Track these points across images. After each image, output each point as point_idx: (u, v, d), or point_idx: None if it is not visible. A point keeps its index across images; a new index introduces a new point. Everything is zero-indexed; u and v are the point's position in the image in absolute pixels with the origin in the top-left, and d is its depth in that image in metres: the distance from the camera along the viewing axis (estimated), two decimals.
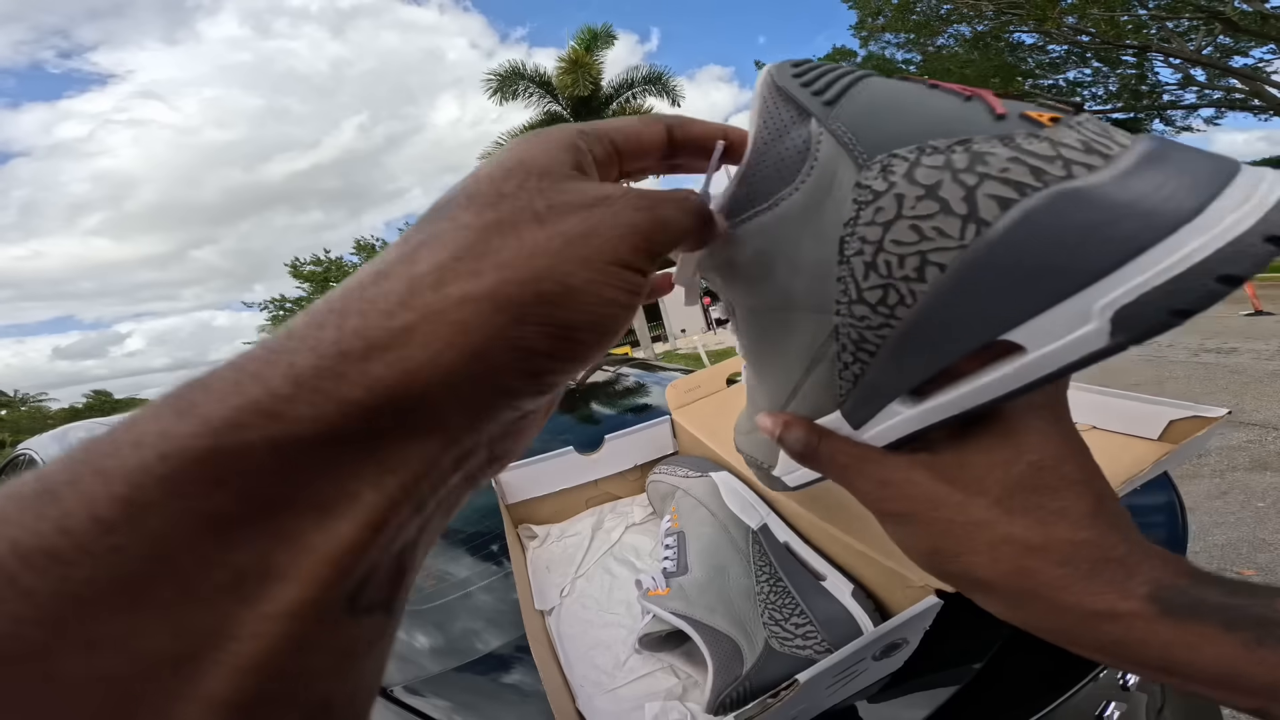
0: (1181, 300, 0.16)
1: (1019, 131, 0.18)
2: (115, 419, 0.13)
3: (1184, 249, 0.16)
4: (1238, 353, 4.42)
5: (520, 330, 0.15)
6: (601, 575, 0.77)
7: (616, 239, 0.17)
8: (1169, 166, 0.16)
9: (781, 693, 0.35)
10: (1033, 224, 0.17)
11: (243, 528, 0.12)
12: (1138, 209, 0.16)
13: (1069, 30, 12.58)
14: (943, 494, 0.23)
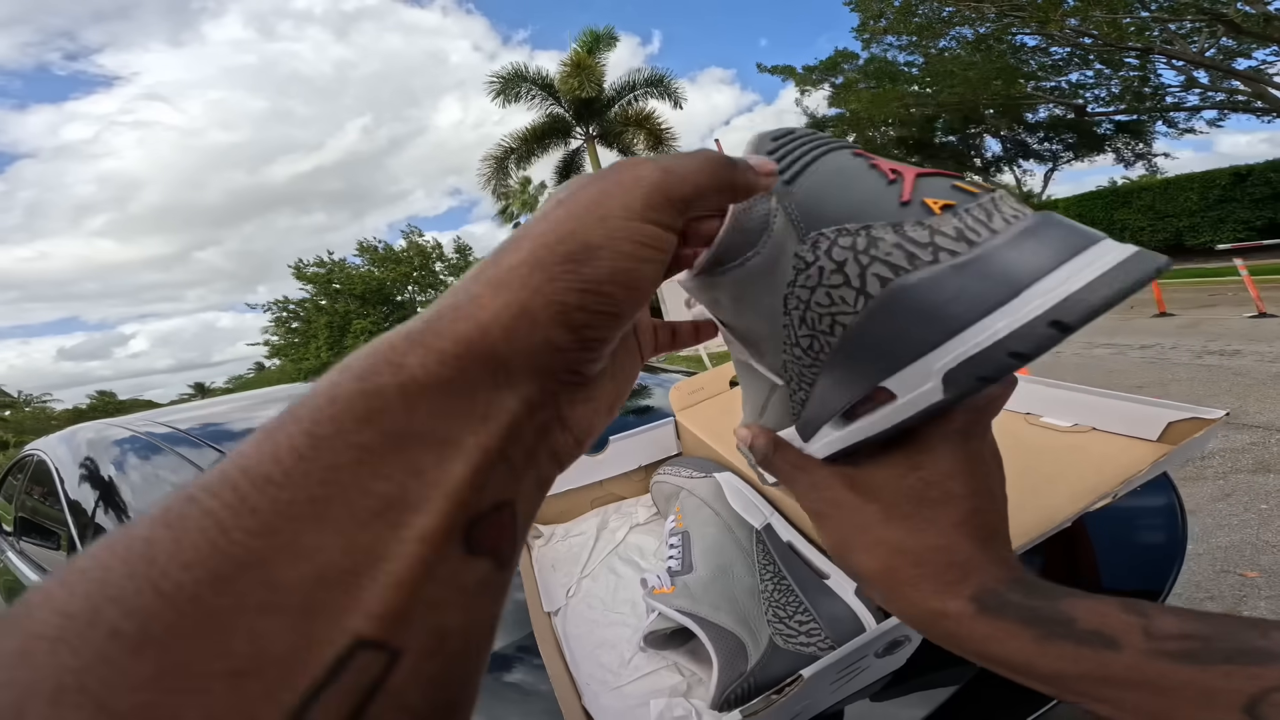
0: (983, 369, 0.21)
1: (910, 219, 0.22)
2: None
3: (990, 329, 0.20)
4: (1241, 355, 4.41)
5: (553, 286, 0.17)
6: (607, 575, 0.78)
7: (628, 196, 0.19)
8: (1014, 254, 0.21)
9: (786, 688, 0.36)
10: (899, 300, 0.22)
11: (385, 460, 0.15)
12: (969, 293, 0.21)
13: (1071, 32, 12.57)
14: (846, 499, 0.28)
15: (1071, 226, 0.22)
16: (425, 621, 0.15)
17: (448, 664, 0.15)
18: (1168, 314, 6.56)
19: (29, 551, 1.64)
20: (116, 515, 1.03)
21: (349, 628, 0.13)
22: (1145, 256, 0.21)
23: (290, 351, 26.32)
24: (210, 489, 0.14)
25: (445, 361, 0.16)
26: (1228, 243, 9.92)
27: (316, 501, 0.14)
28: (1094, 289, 0.20)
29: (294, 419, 0.15)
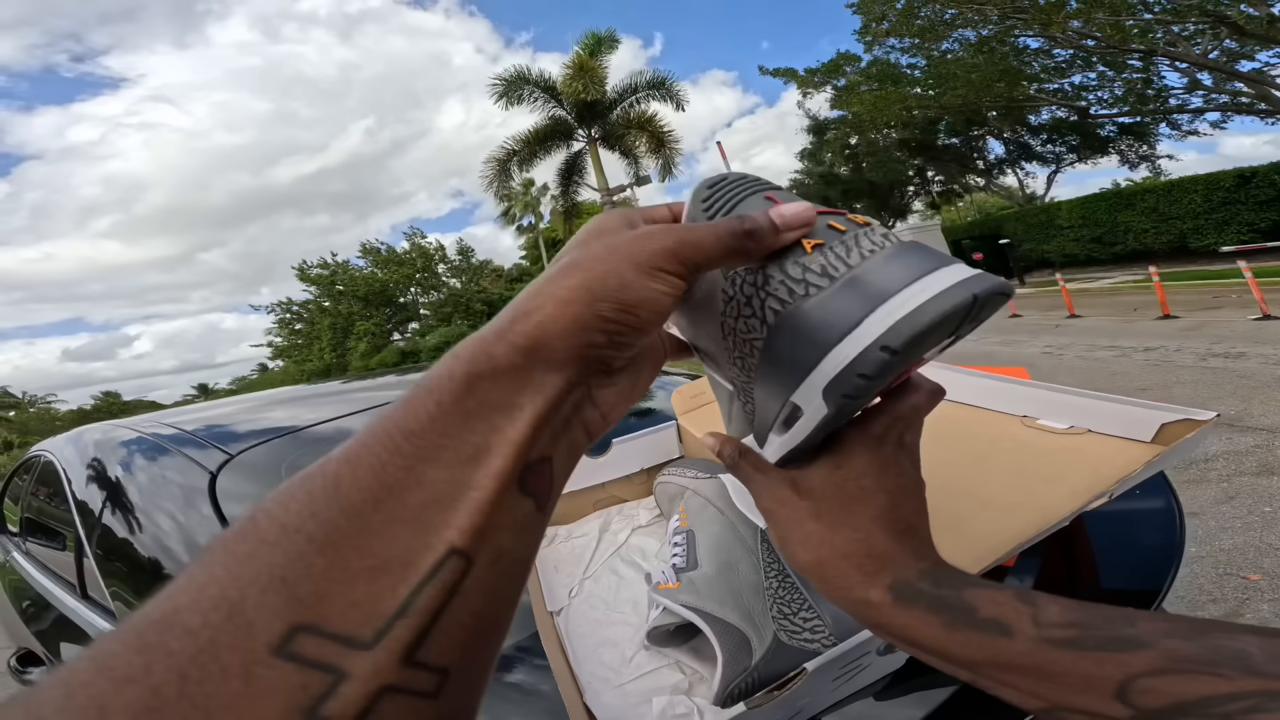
0: (844, 389, 0.25)
1: (790, 258, 0.27)
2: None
3: (842, 355, 0.25)
4: (1245, 357, 4.40)
5: (598, 306, 0.23)
6: (609, 576, 0.79)
7: (652, 251, 0.25)
8: (858, 289, 0.25)
9: (789, 682, 0.37)
10: (785, 328, 0.26)
11: (479, 419, 0.21)
12: (828, 322, 0.25)
13: (1074, 34, 12.56)
14: (788, 497, 0.32)
15: (917, 257, 0.25)
16: (491, 540, 0.20)
17: (499, 578, 0.21)
18: (1172, 316, 6.54)
19: (35, 552, 1.65)
20: (124, 515, 1.04)
21: (447, 538, 0.19)
22: (973, 281, 0.24)
23: (294, 353, 26.38)
24: (375, 437, 0.20)
25: (519, 352, 0.22)
26: (1232, 245, 9.90)
27: (437, 448, 0.20)
28: (914, 317, 0.23)
29: (426, 391, 0.21)
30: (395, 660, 0.18)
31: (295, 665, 0.16)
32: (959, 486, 0.54)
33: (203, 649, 0.16)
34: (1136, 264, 13.04)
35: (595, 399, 0.26)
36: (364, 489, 0.19)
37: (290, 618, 0.17)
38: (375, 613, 0.18)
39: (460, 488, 0.20)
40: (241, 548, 0.18)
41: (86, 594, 1.16)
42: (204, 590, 0.17)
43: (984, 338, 7.49)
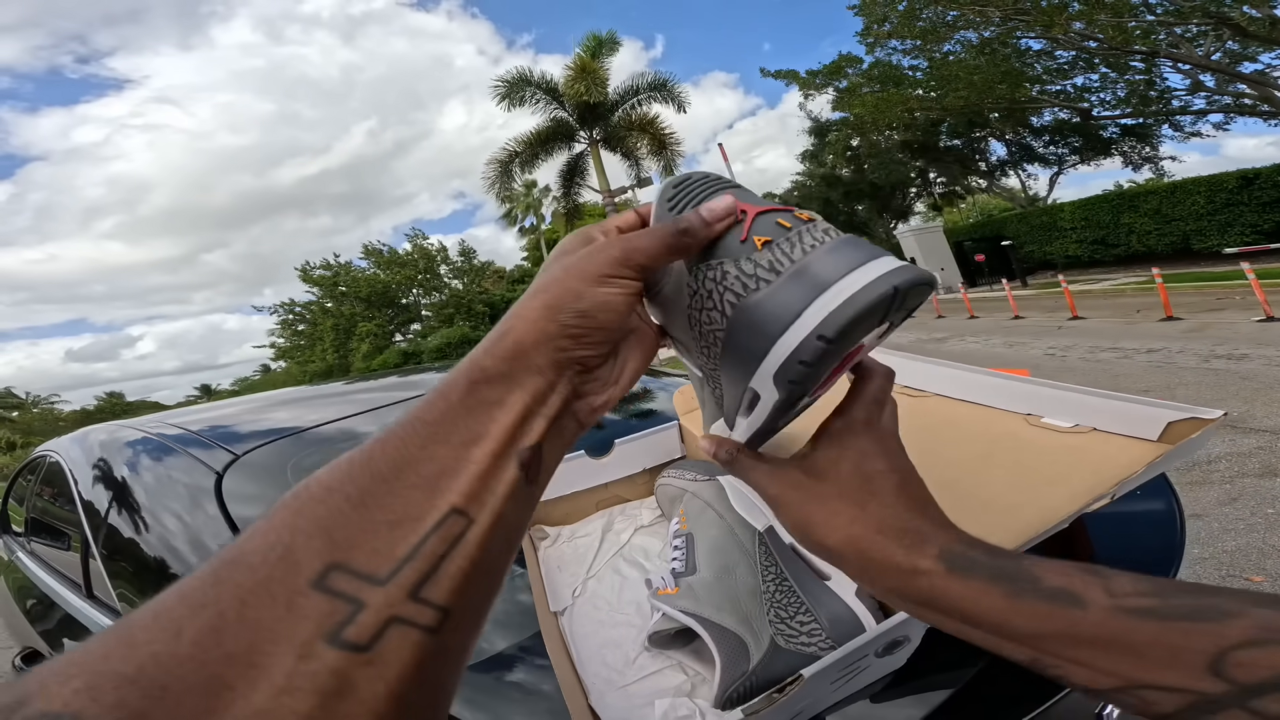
0: (790, 374, 0.28)
1: (744, 254, 0.29)
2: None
3: (786, 344, 0.27)
4: (1249, 359, 4.39)
5: (560, 316, 0.28)
6: (612, 576, 0.79)
7: (600, 263, 0.29)
8: (805, 277, 0.27)
9: (787, 687, 0.37)
10: (740, 320, 0.29)
11: (477, 412, 0.26)
12: (775, 313, 0.28)
13: (1076, 36, 12.55)
14: (801, 480, 0.34)
15: (850, 251, 0.27)
16: (487, 504, 0.25)
17: (493, 536, 0.25)
18: (1175, 318, 6.53)
19: (40, 552, 1.66)
20: (130, 515, 1.05)
21: (450, 500, 0.24)
22: (895, 274, 0.26)
23: (296, 354, 26.41)
24: (401, 425, 0.26)
25: (503, 362, 0.27)
26: (1235, 246, 9.87)
27: (446, 433, 0.26)
28: (843, 309, 0.26)
29: (439, 393, 0.27)
30: (404, 595, 0.22)
31: (326, 596, 0.21)
32: (961, 486, 0.54)
33: (260, 582, 0.21)
34: (1139, 266, 13.02)
35: (581, 392, 0.30)
36: (390, 461, 0.24)
37: (327, 557, 0.21)
38: (391, 556, 0.22)
39: (462, 462, 0.25)
40: (295, 504, 0.23)
41: (92, 594, 1.17)
42: (265, 537, 0.22)
43: (987, 339, 7.48)
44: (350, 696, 0.20)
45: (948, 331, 8.94)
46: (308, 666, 0.19)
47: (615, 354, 0.33)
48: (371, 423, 1.22)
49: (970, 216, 29.87)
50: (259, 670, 0.19)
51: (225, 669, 0.19)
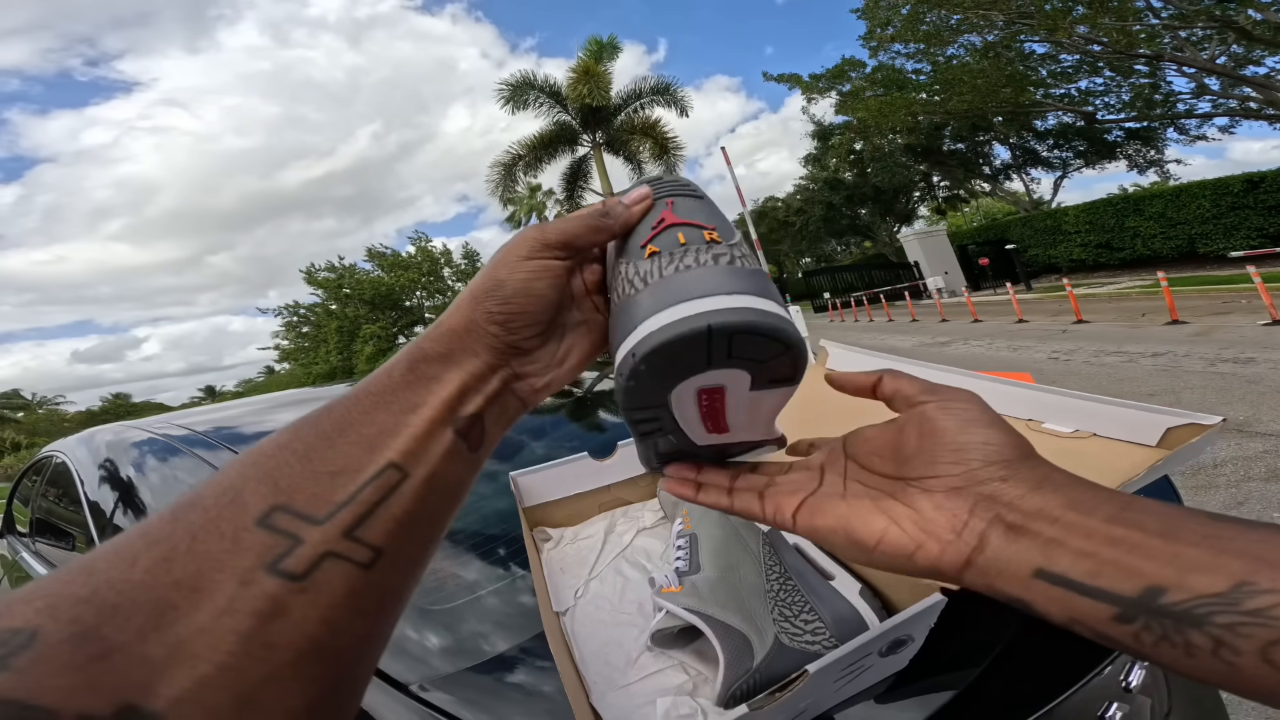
0: (618, 387, 0.30)
1: (635, 259, 0.31)
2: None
3: (620, 352, 0.29)
4: (1254, 363, 4.36)
5: (481, 304, 0.31)
6: (614, 577, 0.79)
7: (518, 246, 0.32)
8: (653, 295, 0.29)
9: (791, 684, 0.37)
10: (613, 318, 0.31)
11: (416, 385, 0.29)
12: (623, 323, 0.29)
13: (1080, 40, 12.53)
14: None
15: (709, 280, 0.28)
16: (424, 462, 0.28)
17: (430, 491, 0.28)
18: (1180, 322, 6.50)
19: (45, 552, 1.67)
20: (136, 516, 1.05)
21: (387, 456, 0.27)
22: (715, 314, 0.26)
23: (300, 356, 26.49)
24: (349, 395, 0.29)
25: (439, 343, 0.31)
26: (1241, 250, 9.84)
27: (387, 401, 0.28)
28: (656, 335, 0.27)
29: (383, 370, 0.30)
30: (338, 533, 0.25)
31: (268, 532, 0.23)
32: None
33: (210, 520, 0.23)
34: (1144, 269, 12.98)
35: (521, 373, 0.33)
36: (333, 423, 0.27)
37: (271, 500, 0.24)
38: (329, 500, 0.25)
39: (401, 425, 0.28)
40: (248, 459, 0.26)
41: None
42: (220, 484, 0.25)
43: (991, 343, 7.46)
44: (284, 619, 0.22)
45: (951, 335, 8.92)
46: (248, 591, 0.22)
47: (559, 339, 0.35)
48: None
49: (974, 220, 29.83)
50: (203, 594, 0.21)
51: (172, 593, 0.21)
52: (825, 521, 0.31)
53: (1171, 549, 0.23)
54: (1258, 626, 0.20)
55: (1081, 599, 0.24)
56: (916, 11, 14.27)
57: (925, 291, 16.31)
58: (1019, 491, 0.27)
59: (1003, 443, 0.29)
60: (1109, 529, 0.24)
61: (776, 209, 27.67)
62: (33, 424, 41.65)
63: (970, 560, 0.27)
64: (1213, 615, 0.21)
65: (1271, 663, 0.20)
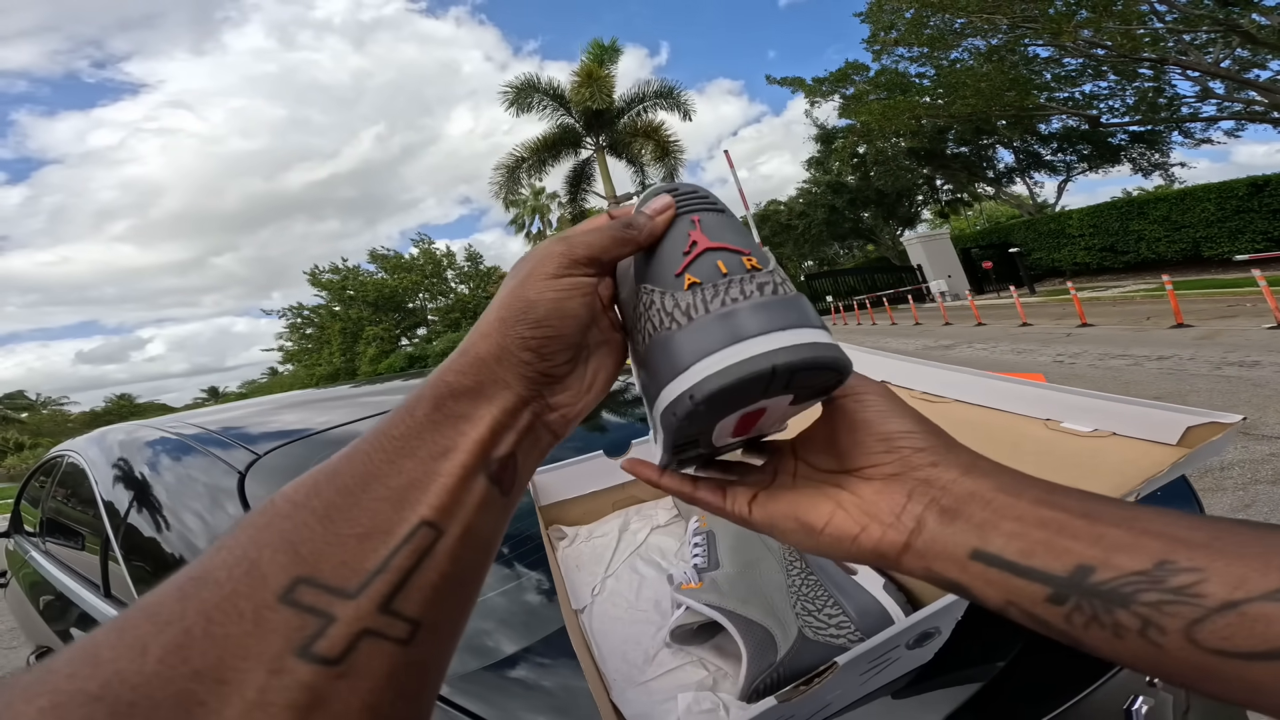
0: (667, 420, 0.29)
1: (672, 289, 0.30)
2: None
3: (670, 392, 0.28)
4: (1260, 366, 4.35)
5: (513, 328, 0.28)
6: (630, 575, 0.80)
7: (544, 263, 0.30)
8: (705, 333, 0.28)
9: (821, 675, 0.37)
10: (649, 353, 0.30)
11: (445, 426, 0.27)
12: (670, 360, 0.28)
13: (1085, 43, 12.53)
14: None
15: (762, 316, 0.27)
16: (458, 517, 0.25)
17: (466, 548, 0.26)
18: (1185, 325, 6.49)
19: (56, 552, 1.68)
20: (152, 515, 1.06)
21: (419, 513, 0.24)
22: (780, 353, 0.26)
23: (304, 357, 26.55)
24: (366, 440, 0.26)
25: (467, 376, 0.28)
26: (1246, 253, 9.81)
27: (413, 447, 0.26)
28: (717, 377, 0.26)
29: (404, 408, 0.27)
30: (374, 608, 0.22)
31: (294, 610, 0.21)
32: None
33: (226, 596, 0.20)
34: (1149, 273, 12.95)
35: (553, 404, 0.31)
36: (355, 475, 0.25)
37: (294, 572, 0.21)
38: (360, 569, 0.22)
39: (431, 475, 0.25)
40: (261, 520, 0.23)
41: (110, 593, 1.18)
42: (231, 552, 0.22)
43: (994, 346, 7.45)
44: (323, 710, 0.20)
45: (954, 338, 8.91)
46: (279, 681, 0.19)
47: (585, 362, 0.32)
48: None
49: (977, 224, 29.80)
50: (229, 686, 0.19)
51: (194, 685, 0.19)
52: (778, 509, 0.32)
53: (1095, 529, 0.24)
54: (1181, 604, 0.21)
55: (1016, 579, 0.24)
56: (920, 15, 14.28)
57: (928, 295, 16.30)
58: (951, 476, 0.28)
59: (924, 430, 0.30)
60: (1037, 510, 0.25)
61: (779, 212, 27.66)
62: (37, 424, 41.76)
63: (909, 544, 0.28)
64: (1138, 593, 0.22)
65: (1195, 642, 0.20)
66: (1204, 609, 0.20)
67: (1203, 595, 0.21)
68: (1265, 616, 0.19)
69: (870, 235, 26.21)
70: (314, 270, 24.77)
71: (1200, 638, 0.20)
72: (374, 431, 0.26)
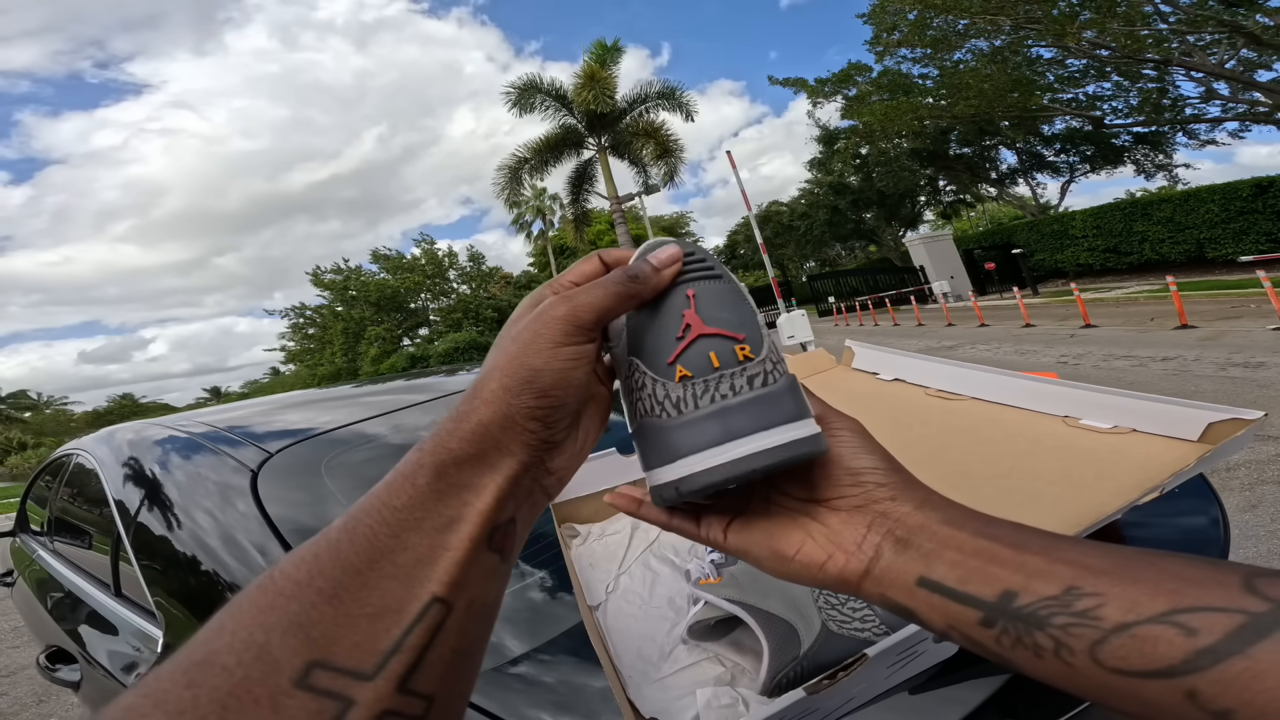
0: (660, 501, 0.31)
1: (664, 377, 0.30)
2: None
3: (657, 477, 0.30)
4: (1265, 367, 4.34)
5: (518, 397, 0.28)
6: (643, 572, 0.79)
7: (549, 328, 0.29)
8: (688, 430, 0.29)
9: (851, 666, 0.37)
10: (640, 431, 0.31)
11: (449, 496, 0.26)
12: (658, 449, 0.30)
13: (1088, 44, 12.52)
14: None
15: (750, 415, 0.29)
16: (466, 590, 0.25)
17: (473, 620, 0.26)
18: (1189, 326, 6.47)
19: (64, 551, 1.68)
20: (163, 512, 1.06)
21: (430, 590, 0.24)
22: (768, 454, 0.28)
23: (306, 357, 26.61)
24: (366, 512, 0.26)
25: (470, 443, 0.27)
26: (1250, 254, 9.79)
27: (418, 520, 0.25)
28: (702, 475, 0.28)
29: (404, 476, 0.27)
30: (392, 689, 0.22)
31: (312, 695, 0.21)
32: (1004, 482, 0.54)
33: (238, 683, 0.20)
34: (1152, 274, 12.93)
35: (550, 468, 0.31)
36: (360, 552, 0.24)
37: (307, 655, 0.21)
38: (375, 650, 0.22)
39: (438, 549, 0.25)
40: (263, 599, 0.23)
41: (120, 592, 1.18)
42: (235, 635, 0.21)
43: (997, 347, 7.44)
44: None
45: (957, 339, 8.90)
46: None
47: (578, 425, 0.33)
48: (399, 424, 1.24)
49: (980, 225, 29.76)
50: None
51: None
52: (752, 537, 0.33)
53: (1020, 558, 0.25)
54: (1084, 627, 0.22)
55: (954, 605, 0.26)
56: (923, 16, 14.27)
57: (931, 296, 16.29)
58: (906, 509, 0.30)
59: (888, 467, 0.32)
60: (975, 541, 0.27)
61: (781, 213, 27.68)
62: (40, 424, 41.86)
63: (868, 570, 0.29)
64: (1051, 616, 0.23)
65: (1098, 662, 0.22)
66: (1102, 630, 0.22)
67: (1101, 619, 0.22)
68: (1153, 637, 0.21)
69: (872, 236, 26.21)
70: (316, 271, 24.81)
71: (1101, 657, 0.21)
72: (374, 501, 0.26)
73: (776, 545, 0.32)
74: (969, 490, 0.53)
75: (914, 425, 0.74)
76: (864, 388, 0.91)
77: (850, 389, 0.92)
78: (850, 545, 0.30)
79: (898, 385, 0.88)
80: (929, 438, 0.70)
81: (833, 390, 0.93)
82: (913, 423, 0.75)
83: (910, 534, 0.29)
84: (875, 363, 0.94)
